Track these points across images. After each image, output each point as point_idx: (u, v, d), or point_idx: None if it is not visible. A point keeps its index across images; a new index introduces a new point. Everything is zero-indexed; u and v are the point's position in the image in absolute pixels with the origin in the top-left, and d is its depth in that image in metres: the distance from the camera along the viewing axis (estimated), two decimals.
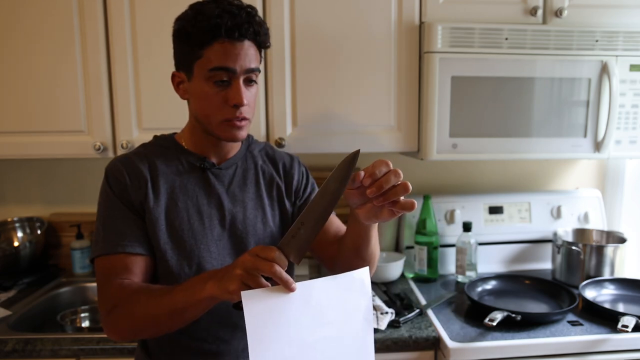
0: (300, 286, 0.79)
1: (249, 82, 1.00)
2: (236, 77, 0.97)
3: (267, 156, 1.16)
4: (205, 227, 1.02)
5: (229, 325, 1.04)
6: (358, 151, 0.81)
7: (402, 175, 0.80)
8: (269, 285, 0.77)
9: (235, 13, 0.94)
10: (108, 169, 1.03)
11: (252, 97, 1.01)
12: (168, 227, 1.01)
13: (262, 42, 1.00)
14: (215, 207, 1.04)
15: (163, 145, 1.09)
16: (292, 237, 0.79)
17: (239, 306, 0.79)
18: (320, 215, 0.80)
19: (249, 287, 0.76)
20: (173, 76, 1.05)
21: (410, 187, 0.80)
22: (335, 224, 1.14)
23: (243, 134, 1.01)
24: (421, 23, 1.54)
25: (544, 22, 1.57)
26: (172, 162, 1.05)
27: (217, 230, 1.03)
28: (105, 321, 0.94)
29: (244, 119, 0.99)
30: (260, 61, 1.03)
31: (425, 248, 1.75)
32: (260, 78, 1.52)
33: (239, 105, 0.97)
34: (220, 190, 1.06)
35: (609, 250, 1.67)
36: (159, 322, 0.89)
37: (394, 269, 1.74)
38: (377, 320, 1.38)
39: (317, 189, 1.20)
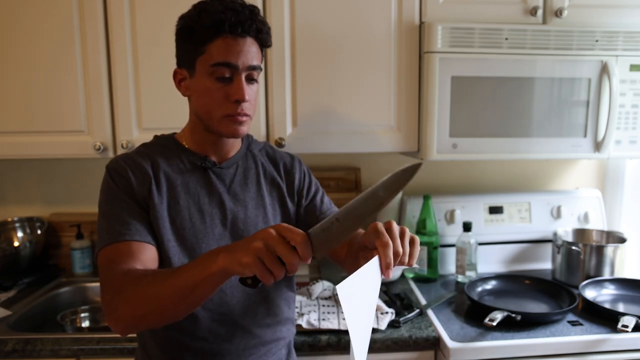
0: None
1: (250, 80, 1.01)
2: (238, 73, 0.98)
3: (267, 156, 1.17)
4: (207, 225, 1.03)
5: (230, 324, 1.04)
6: (419, 165, 0.77)
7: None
8: (283, 269, 0.73)
9: (238, 10, 0.96)
10: (110, 167, 1.02)
11: (253, 94, 1.02)
12: (170, 224, 1.01)
13: (264, 40, 1.01)
14: (217, 206, 1.05)
15: (164, 144, 1.09)
16: (323, 231, 0.75)
17: (246, 282, 0.76)
18: (360, 217, 0.76)
19: (262, 264, 0.72)
20: (175, 73, 1.05)
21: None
22: None
23: (244, 129, 1.02)
24: (421, 23, 1.54)
25: (544, 22, 1.57)
26: (173, 161, 1.06)
27: (218, 229, 1.04)
28: (107, 310, 0.88)
29: (245, 115, 1.00)
30: (262, 60, 1.04)
31: (425, 248, 1.75)
32: (261, 78, 1.52)
33: (240, 100, 0.98)
34: (222, 190, 1.06)
35: (609, 250, 1.67)
36: (163, 305, 0.83)
37: (394, 269, 1.73)
38: (377, 320, 1.38)
39: (320, 188, 1.20)
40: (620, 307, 1.50)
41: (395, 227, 0.82)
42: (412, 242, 0.84)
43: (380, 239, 0.79)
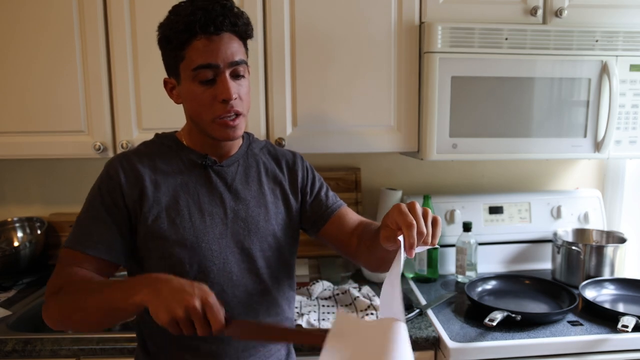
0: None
1: (237, 76, 0.99)
2: (221, 72, 0.96)
3: (269, 154, 1.16)
4: (207, 225, 1.02)
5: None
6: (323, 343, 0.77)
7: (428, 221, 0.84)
8: (194, 333, 0.78)
9: (208, 8, 0.94)
10: (106, 166, 1.04)
11: (242, 90, 1.00)
12: (170, 224, 1.01)
13: (242, 32, 0.99)
14: (217, 204, 1.04)
15: (164, 143, 1.09)
16: (240, 327, 0.80)
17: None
18: (269, 340, 0.81)
19: (177, 326, 0.77)
20: (165, 82, 1.06)
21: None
22: (350, 217, 1.14)
23: (238, 132, 1.01)
24: (421, 23, 1.54)
25: (544, 22, 1.57)
26: (173, 160, 1.06)
27: (219, 228, 1.03)
28: (45, 304, 0.94)
29: (237, 114, 0.99)
30: (247, 54, 1.02)
31: (425, 248, 1.74)
32: (260, 78, 1.52)
33: (227, 100, 0.96)
34: (222, 188, 1.06)
35: (609, 250, 1.67)
36: (89, 317, 0.88)
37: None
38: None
39: (324, 184, 1.20)
40: (620, 307, 1.50)
41: (418, 208, 0.84)
42: (434, 222, 0.85)
43: (405, 219, 0.81)
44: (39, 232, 1.85)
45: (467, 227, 1.74)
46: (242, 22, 0.98)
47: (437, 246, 0.89)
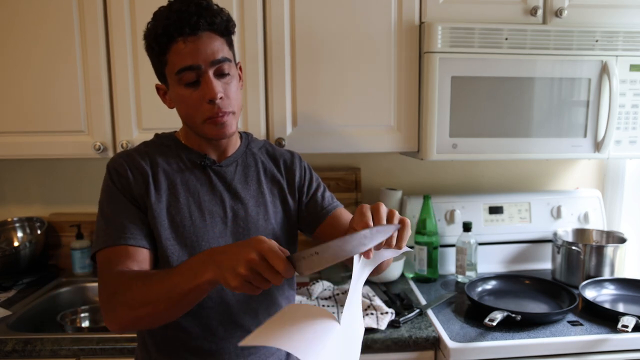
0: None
1: (222, 75, 0.98)
2: (203, 72, 0.96)
3: (267, 154, 1.16)
4: (207, 223, 1.03)
5: (229, 324, 1.04)
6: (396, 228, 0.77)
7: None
8: (269, 284, 0.75)
9: (182, 10, 0.93)
10: (110, 165, 1.03)
11: (230, 88, 0.99)
12: (170, 222, 1.01)
13: (223, 29, 0.98)
14: (217, 204, 1.05)
15: (164, 143, 1.09)
16: (303, 258, 0.75)
17: None
18: (337, 255, 0.75)
19: (250, 283, 0.74)
20: (157, 89, 1.06)
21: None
22: (345, 219, 1.14)
23: (229, 129, 1.00)
24: (421, 23, 1.54)
25: (544, 22, 1.57)
26: (173, 159, 1.06)
27: (218, 227, 1.03)
28: (104, 309, 0.89)
29: (226, 113, 0.98)
30: (233, 51, 1.02)
31: (425, 248, 1.75)
32: (261, 78, 1.52)
33: (213, 99, 0.96)
34: (222, 188, 1.06)
35: (609, 250, 1.67)
36: (156, 310, 0.84)
37: (394, 269, 1.74)
38: (377, 320, 1.38)
39: (322, 184, 1.20)
40: (620, 307, 1.50)
41: (383, 210, 0.80)
42: (402, 224, 0.81)
43: (361, 221, 0.78)
44: (39, 232, 1.85)
45: (467, 227, 1.74)
46: (220, 20, 0.97)
47: (408, 249, 0.85)
